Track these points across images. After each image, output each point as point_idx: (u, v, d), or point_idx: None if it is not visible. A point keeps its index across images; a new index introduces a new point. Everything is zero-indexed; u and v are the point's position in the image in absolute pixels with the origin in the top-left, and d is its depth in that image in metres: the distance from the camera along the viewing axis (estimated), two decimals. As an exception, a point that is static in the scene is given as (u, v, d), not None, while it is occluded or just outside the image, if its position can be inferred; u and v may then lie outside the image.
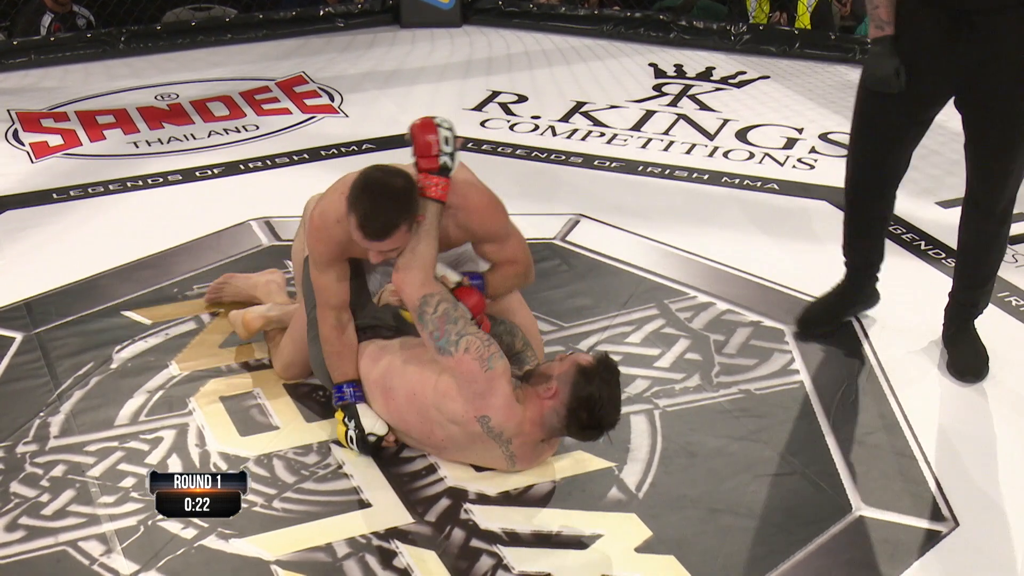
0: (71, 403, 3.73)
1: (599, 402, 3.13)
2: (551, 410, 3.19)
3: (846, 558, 3.07)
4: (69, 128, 6.28)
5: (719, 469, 3.42)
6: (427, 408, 3.29)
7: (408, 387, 3.34)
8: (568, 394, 3.15)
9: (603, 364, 3.19)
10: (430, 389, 3.28)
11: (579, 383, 3.14)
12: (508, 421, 3.22)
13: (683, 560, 3.05)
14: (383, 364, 3.44)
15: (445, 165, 3.33)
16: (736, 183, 5.53)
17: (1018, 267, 4.57)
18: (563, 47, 7.92)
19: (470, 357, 3.19)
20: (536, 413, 3.22)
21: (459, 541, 3.13)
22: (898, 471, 3.42)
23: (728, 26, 7.79)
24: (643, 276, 4.54)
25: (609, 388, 3.16)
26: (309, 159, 5.85)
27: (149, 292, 4.42)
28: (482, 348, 3.20)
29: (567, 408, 3.16)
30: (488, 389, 3.19)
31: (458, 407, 3.23)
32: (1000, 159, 3.63)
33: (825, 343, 4.06)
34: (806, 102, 6.71)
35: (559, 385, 3.17)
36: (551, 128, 6.27)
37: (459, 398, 3.22)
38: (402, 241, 3.25)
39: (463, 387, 3.21)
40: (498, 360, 3.21)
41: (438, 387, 3.26)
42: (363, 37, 8.19)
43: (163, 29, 7.94)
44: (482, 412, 3.21)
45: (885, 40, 3.66)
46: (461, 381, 3.21)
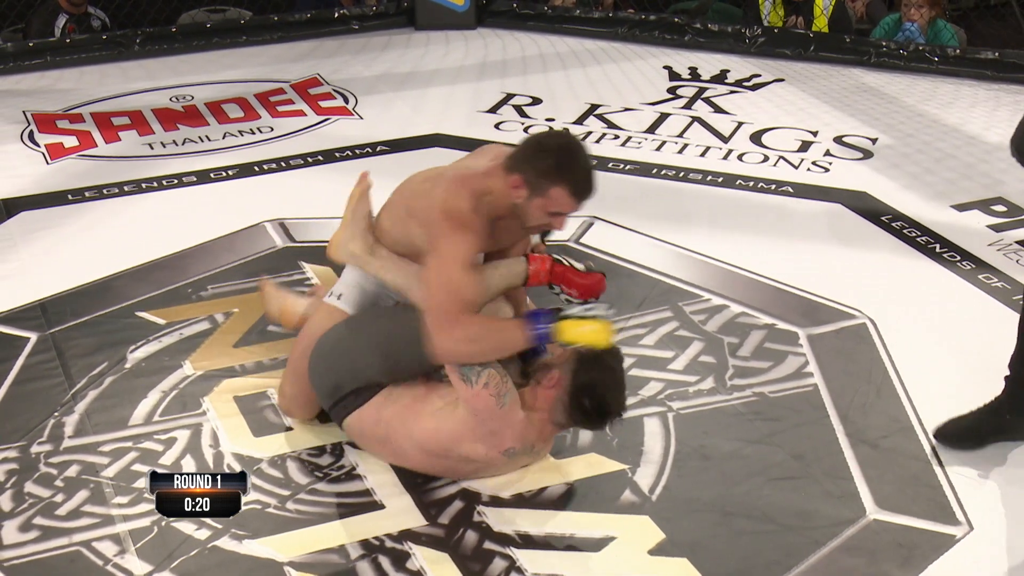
0: (85, 403, 3.74)
1: (601, 387, 3.13)
2: (556, 400, 3.18)
3: (860, 562, 3.06)
4: (84, 129, 6.30)
5: (732, 472, 3.41)
6: (447, 452, 3.25)
7: (419, 446, 3.25)
8: (569, 381, 3.15)
9: (604, 350, 3.17)
10: (445, 438, 3.21)
11: (579, 369, 3.14)
12: (528, 436, 3.22)
13: (696, 563, 3.04)
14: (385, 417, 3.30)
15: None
16: (750, 186, 5.53)
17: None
18: (577, 49, 7.93)
19: (488, 392, 3.15)
20: (544, 406, 3.21)
21: (472, 543, 3.13)
22: (912, 475, 3.41)
23: (743, 29, 7.79)
24: (657, 278, 4.53)
25: (612, 373, 3.16)
26: (323, 161, 5.86)
27: (163, 293, 4.43)
28: (500, 384, 3.16)
29: (569, 395, 3.16)
30: (503, 425, 3.17)
31: (479, 449, 3.21)
32: None
33: (839, 347, 4.05)
34: (821, 105, 6.70)
35: (560, 373, 3.17)
36: (565, 130, 6.25)
37: (477, 441, 3.19)
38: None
39: (477, 425, 3.17)
40: (512, 394, 3.18)
41: (452, 433, 3.20)
42: (378, 39, 8.20)
43: (178, 31, 7.98)
44: (505, 447, 3.20)
45: None
46: (476, 416, 3.17)
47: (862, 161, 5.82)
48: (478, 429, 3.18)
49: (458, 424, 3.19)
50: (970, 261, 4.67)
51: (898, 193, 5.35)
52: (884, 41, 7.26)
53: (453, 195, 3.16)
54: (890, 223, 5.04)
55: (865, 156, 5.89)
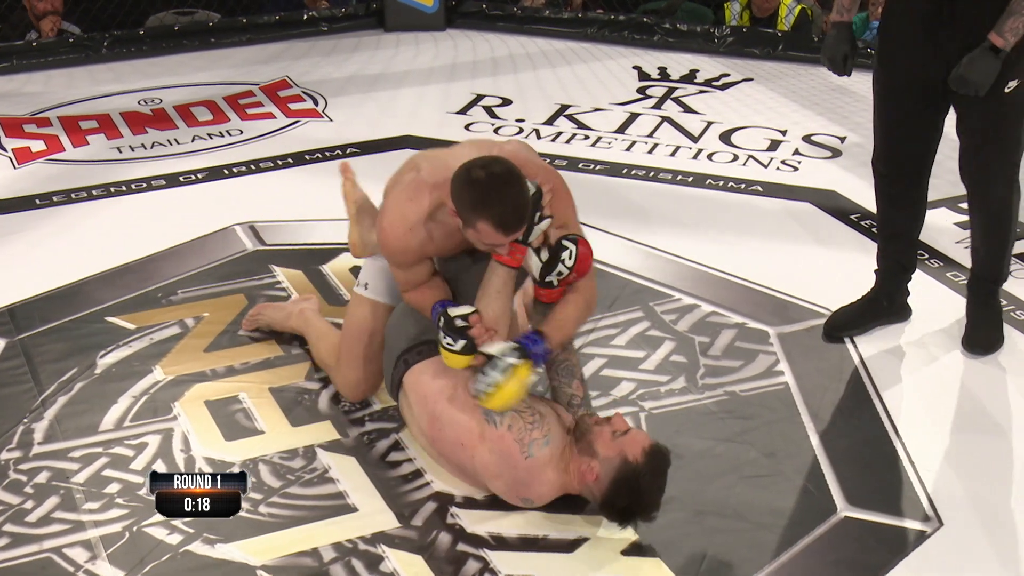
0: (55, 409, 3.72)
1: (638, 501, 3.05)
2: (591, 486, 3.11)
3: (832, 559, 3.08)
4: (52, 134, 6.26)
5: (705, 471, 3.42)
6: (471, 470, 3.22)
7: (455, 435, 3.21)
8: (607, 485, 3.06)
9: (651, 460, 3.05)
10: (475, 454, 3.17)
11: (621, 480, 3.04)
12: (551, 496, 3.19)
13: (669, 562, 3.05)
14: (439, 386, 3.28)
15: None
16: (720, 185, 5.54)
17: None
18: (547, 50, 7.93)
19: (511, 437, 3.11)
20: (577, 480, 3.15)
21: (445, 545, 3.13)
22: (883, 471, 3.43)
23: (712, 28, 7.80)
24: (628, 279, 4.54)
25: (653, 482, 3.05)
26: (293, 163, 5.84)
27: (133, 297, 4.41)
28: (523, 431, 3.11)
29: (603, 496, 3.08)
30: (529, 479, 3.14)
31: (500, 486, 3.18)
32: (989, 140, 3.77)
33: (810, 345, 4.07)
34: (790, 104, 6.72)
35: (602, 470, 3.06)
36: (536, 131, 6.27)
37: (500, 479, 3.16)
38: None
39: (503, 467, 3.14)
40: (542, 448, 3.11)
41: (481, 457, 3.16)
42: (347, 41, 8.18)
43: (146, 34, 7.91)
44: (524, 496, 3.17)
45: (842, 25, 3.88)
46: (502, 458, 3.13)
47: (831, 160, 5.85)
48: (505, 471, 3.14)
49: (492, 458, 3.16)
50: (938, 259, 4.70)
51: (867, 191, 5.33)
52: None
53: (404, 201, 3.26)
54: (859, 221, 5.06)
55: (834, 155, 5.91)
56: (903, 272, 4.15)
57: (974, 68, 3.53)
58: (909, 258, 4.15)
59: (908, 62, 3.75)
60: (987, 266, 4.03)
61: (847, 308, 4.17)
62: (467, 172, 3.05)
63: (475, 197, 3.02)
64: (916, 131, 3.86)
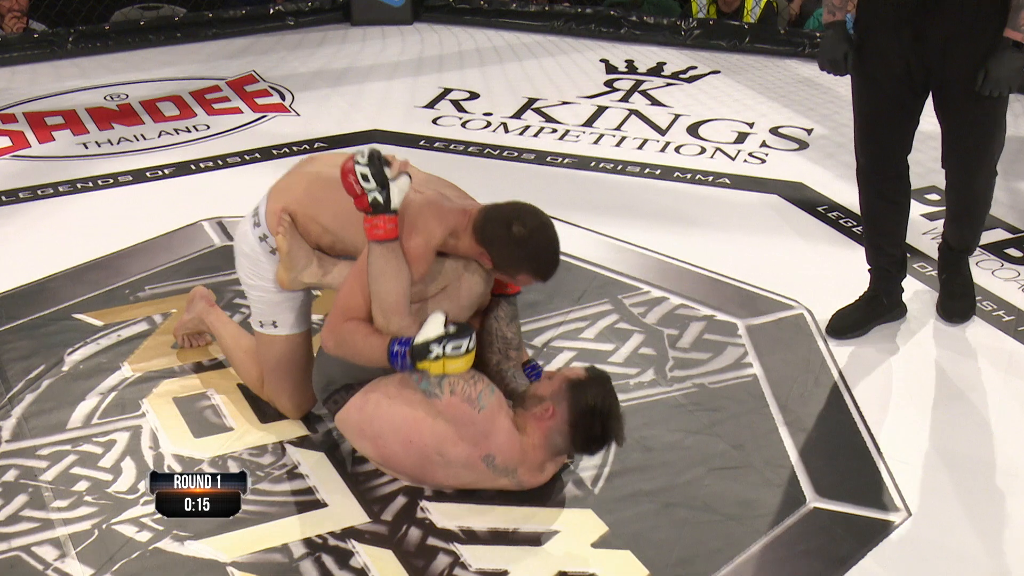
0: (22, 407, 3.70)
1: (601, 411, 3.13)
2: (552, 430, 3.17)
3: (801, 549, 3.09)
4: (17, 130, 6.22)
5: (674, 463, 3.44)
6: (428, 454, 3.21)
7: (402, 435, 3.21)
8: (566, 410, 3.14)
9: (594, 375, 3.20)
10: (428, 434, 3.17)
11: (574, 398, 3.13)
12: (512, 454, 3.19)
13: (639, 554, 3.07)
14: (368, 410, 3.26)
15: (375, 201, 3.07)
16: (688, 178, 5.56)
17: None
18: (514, 43, 7.93)
19: (457, 399, 3.12)
20: (538, 437, 3.19)
21: (416, 540, 3.13)
22: (851, 462, 3.45)
23: (679, 21, 7.82)
24: (596, 272, 4.55)
25: (607, 397, 3.16)
26: (261, 158, 5.82)
27: (100, 294, 4.39)
28: (467, 388, 3.13)
29: (569, 424, 3.14)
30: (489, 428, 3.15)
31: (461, 451, 3.17)
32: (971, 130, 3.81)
33: (778, 337, 4.09)
34: (757, 96, 6.75)
35: (554, 404, 3.15)
36: (503, 125, 6.27)
37: (460, 441, 3.16)
38: None
39: (461, 429, 3.15)
40: (489, 396, 3.15)
41: (435, 431, 3.17)
42: (314, 35, 8.16)
43: (112, 29, 7.87)
44: (486, 451, 3.17)
45: (836, 25, 3.81)
46: (457, 424, 3.14)
47: (798, 152, 5.87)
48: (463, 431, 3.14)
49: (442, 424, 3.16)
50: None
51: (834, 183, 5.40)
52: (818, 32, 7.30)
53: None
54: (826, 213, 5.08)
55: (801, 147, 5.94)
56: (899, 269, 4.14)
57: (1003, 67, 3.56)
58: (902, 253, 4.14)
59: (889, 52, 3.74)
60: (960, 238, 4.11)
61: (846, 310, 4.13)
62: (506, 228, 3.12)
63: (522, 254, 3.16)
64: (898, 120, 3.87)
